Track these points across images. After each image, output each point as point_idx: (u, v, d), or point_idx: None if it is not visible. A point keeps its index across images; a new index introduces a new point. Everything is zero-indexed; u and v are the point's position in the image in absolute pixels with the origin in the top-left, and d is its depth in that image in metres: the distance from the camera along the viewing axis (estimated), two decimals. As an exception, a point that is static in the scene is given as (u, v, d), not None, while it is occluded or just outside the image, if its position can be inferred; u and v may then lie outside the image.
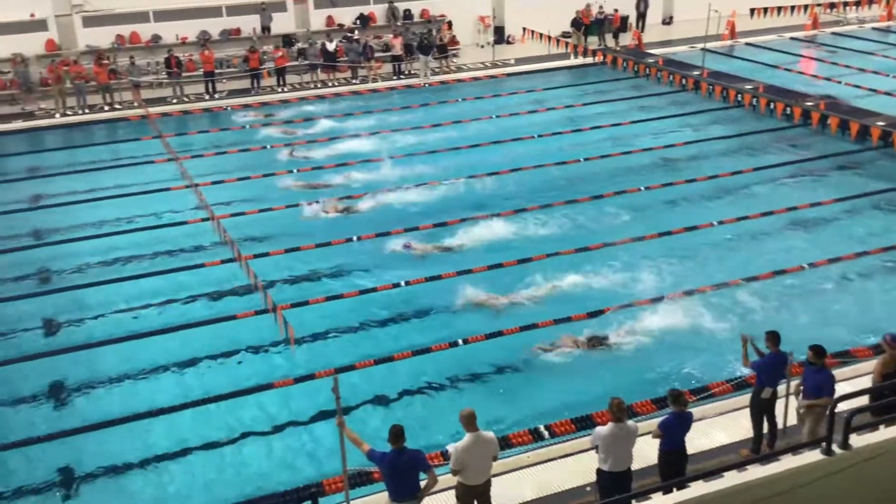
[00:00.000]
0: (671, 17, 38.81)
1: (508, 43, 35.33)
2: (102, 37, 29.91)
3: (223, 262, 16.82)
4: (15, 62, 27.94)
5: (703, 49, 30.14)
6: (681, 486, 9.07)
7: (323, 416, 12.20)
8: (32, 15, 29.12)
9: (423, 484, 8.97)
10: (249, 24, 31.55)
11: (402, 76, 31.24)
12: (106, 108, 27.80)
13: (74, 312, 15.67)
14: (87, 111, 27.49)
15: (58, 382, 13.57)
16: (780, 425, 10.86)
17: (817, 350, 10.19)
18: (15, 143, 25.50)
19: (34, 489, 11.29)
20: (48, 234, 19.12)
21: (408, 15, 33.69)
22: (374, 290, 15.84)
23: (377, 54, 31.26)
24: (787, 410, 10.88)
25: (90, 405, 13.00)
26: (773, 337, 10.58)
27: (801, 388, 10.40)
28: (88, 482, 11.43)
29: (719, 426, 11.43)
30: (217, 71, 29.47)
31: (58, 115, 27.13)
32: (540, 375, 13.20)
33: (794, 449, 9.46)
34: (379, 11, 33.57)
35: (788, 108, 25.01)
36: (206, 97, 28.87)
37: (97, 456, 11.80)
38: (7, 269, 17.42)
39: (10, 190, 21.79)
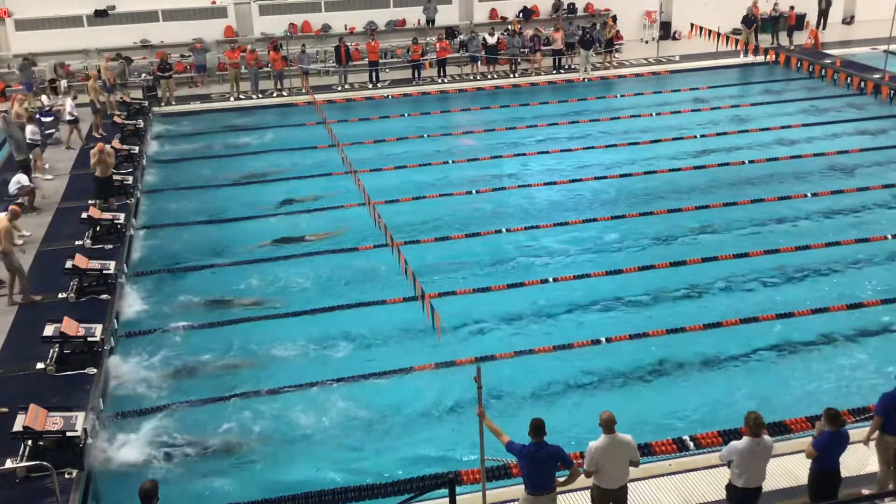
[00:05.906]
0: (852, 17, 36.61)
1: (674, 39, 34.36)
2: (277, 25, 31.34)
3: (375, 247, 17.26)
4: (195, 47, 29.66)
5: (885, 51, 28.28)
6: (832, 510, 8.64)
7: (465, 404, 12.32)
8: (213, 2, 30.85)
9: (562, 479, 8.93)
10: (415, 16, 32.22)
11: (561, 70, 31.00)
12: (275, 93, 29.06)
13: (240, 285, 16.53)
14: (259, 96, 28.85)
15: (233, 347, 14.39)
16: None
17: None
18: (193, 123, 26.98)
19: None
20: (220, 213, 20.13)
21: (572, 9, 33.38)
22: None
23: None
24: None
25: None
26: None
27: None
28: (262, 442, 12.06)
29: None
30: (381, 61, 30.22)
31: (232, 99, 28.62)
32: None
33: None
34: (542, 4, 33.44)
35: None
36: (370, 86, 29.64)
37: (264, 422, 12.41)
38: (186, 243, 18.51)
39: (190, 167, 23.16)
